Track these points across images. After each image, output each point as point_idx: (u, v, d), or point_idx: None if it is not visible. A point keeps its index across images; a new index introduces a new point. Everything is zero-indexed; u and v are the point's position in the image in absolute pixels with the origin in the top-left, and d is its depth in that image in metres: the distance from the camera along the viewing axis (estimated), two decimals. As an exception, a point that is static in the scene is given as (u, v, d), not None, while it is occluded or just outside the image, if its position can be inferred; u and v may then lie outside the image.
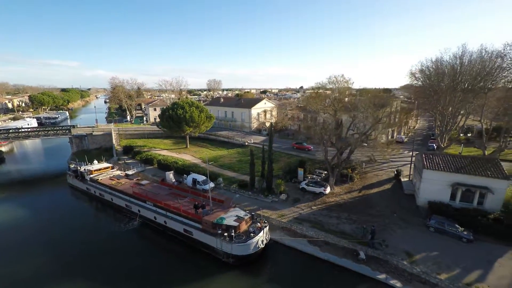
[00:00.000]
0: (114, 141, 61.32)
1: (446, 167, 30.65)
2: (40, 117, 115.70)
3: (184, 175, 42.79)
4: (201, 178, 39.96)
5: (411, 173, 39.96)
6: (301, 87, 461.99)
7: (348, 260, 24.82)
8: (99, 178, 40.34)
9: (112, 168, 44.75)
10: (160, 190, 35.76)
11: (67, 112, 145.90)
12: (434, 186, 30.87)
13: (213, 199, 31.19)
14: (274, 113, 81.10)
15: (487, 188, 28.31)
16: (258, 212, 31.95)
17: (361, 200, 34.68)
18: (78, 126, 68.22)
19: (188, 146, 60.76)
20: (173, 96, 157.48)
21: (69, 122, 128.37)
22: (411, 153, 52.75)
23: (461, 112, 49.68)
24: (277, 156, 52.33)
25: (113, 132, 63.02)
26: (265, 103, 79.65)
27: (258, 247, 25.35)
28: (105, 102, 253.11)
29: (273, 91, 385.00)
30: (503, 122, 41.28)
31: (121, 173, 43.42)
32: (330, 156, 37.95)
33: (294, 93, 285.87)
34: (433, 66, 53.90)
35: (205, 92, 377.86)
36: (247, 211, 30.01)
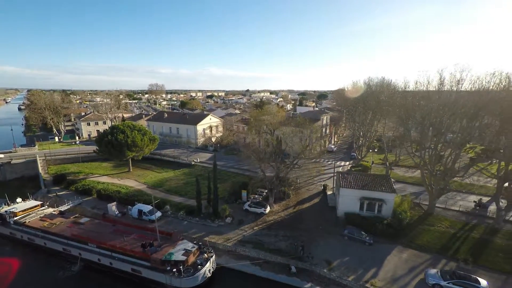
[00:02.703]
0: (40, 169, 54.97)
1: (356, 185, 38.80)
2: None
3: (129, 206, 42.23)
4: (147, 208, 40.31)
5: (334, 186, 48.18)
6: (247, 90, 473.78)
7: (283, 275, 29.72)
8: (27, 221, 36.70)
9: (42, 205, 40.81)
10: (103, 228, 34.99)
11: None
12: (348, 200, 38.69)
13: (161, 233, 32.49)
14: (220, 128, 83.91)
15: (382, 200, 37.20)
16: (206, 238, 34.74)
17: (295, 216, 40.62)
18: (-11, 153, 58.50)
19: (131, 170, 58.73)
20: (109, 100, 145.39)
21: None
22: (338, 163, 62.53)
23: (371, 129, 61.55)
24: (223, 175, 55.55)
25: (38, 158, 56.40)
26: (210, 119, 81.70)
27: (206, 276, 28.16)
28: (20, 109, 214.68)
29: (219, 94, 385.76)
30: (397, 139, 53.08)
31: (54, 211, 40.17)
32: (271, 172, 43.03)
33: (241, 98, 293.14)
34: (351, 90, 65.07)
35: (146, 96, 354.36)
36: (195, 241, 32.43)
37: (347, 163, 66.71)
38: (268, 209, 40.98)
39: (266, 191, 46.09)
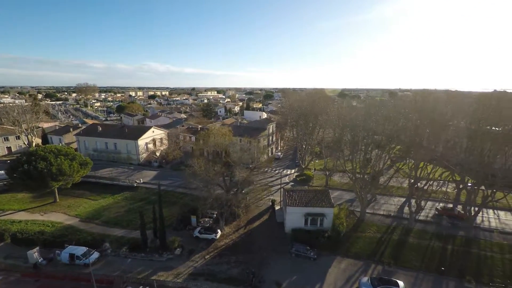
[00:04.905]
0: None
1: (300, 202, 41.78)
2: None
3: (57, 250, 36.48)
4: (80, 250, 35.56)
5: (282, 199, 50.86)
6: (193, 89, 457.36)
7: (236, 306, 30.28)
8: None
9: None
10: (22, 287, 29.56)
11: None
12: (295, 217, 41.44)
13: (99, 282, 29.38)
14: (165, 140, 79.13)
15: (323, 214, 41.05)
16: (153, 277, 32.72)
17: (246, 237, 41.48)
18: None
19: (58, 200, 50.57)
20: (23, 102, 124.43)
21: None
22: (285, 171, 65.89)
23: (312, 137, 66.81)
24: (170, 197, 52.96)
25: None
26: (153, 131, 76.08)
27: (155, 326, 26.65)
28: None
29: (163, 93, 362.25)
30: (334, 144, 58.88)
31: None
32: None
33: (186, 98, 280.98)
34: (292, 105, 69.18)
35: (74, 95, 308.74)
36: (141, 285, 30.21)
37: (293, 170, 71.08)
38: (219, 233, 40.84)
39: (217, 212, 45.79)
